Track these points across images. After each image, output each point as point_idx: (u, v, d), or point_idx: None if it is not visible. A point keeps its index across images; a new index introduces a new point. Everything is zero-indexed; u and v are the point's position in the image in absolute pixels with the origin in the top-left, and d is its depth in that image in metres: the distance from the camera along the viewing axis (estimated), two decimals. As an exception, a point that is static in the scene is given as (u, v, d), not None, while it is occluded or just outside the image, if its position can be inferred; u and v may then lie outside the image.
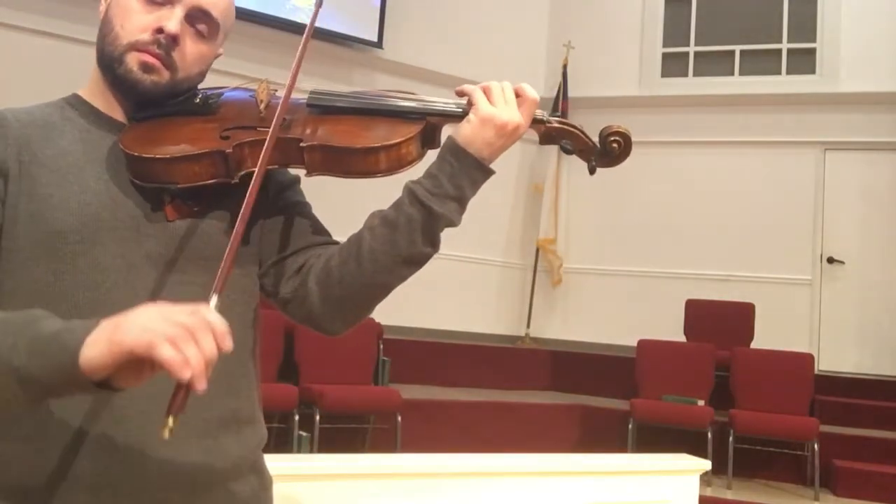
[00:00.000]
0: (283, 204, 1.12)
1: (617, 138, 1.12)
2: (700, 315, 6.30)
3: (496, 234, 7.13)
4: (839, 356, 6.53)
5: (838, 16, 6.80)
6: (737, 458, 4.89)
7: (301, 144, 1.02)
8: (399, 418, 4.61)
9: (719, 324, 6.17)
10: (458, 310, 6.78)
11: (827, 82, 6.77)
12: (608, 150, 1.13)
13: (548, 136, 1.13)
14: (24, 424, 0.94)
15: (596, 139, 1.13)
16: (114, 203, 1.00)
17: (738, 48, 7.16)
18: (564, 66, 7.35)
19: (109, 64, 1.04)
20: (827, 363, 6.45)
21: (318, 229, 1.14)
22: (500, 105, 1.05)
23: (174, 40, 1.03)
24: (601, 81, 7.32)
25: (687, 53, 7.36)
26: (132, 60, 1.02)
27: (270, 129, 0.98)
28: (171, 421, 0.73)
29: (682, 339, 6.11)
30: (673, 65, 7.40)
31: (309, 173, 1.05)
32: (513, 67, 7.36)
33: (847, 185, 6.74)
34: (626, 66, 7.38)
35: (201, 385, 0.72)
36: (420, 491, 2.44)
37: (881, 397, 5.88)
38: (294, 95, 1.05)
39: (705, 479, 4.49)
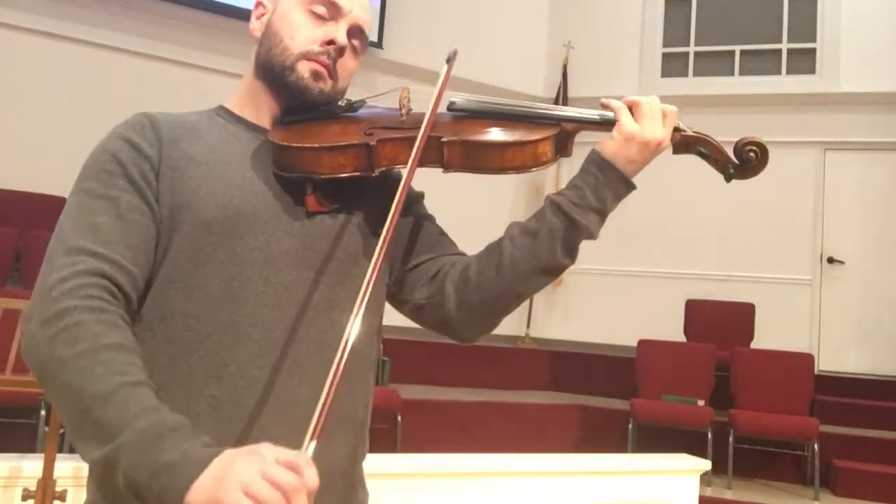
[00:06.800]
0: (412, 215, 1.17)
1: (754, 148, 1.12)
2: (700, 315, 6.31)
3: (496, 234, 7.10)
4: (839, 356, 6.53)
5: (838, 16, 6.80)
6: (737, 458, 4.89)
7: (442, 140, 1.05)
8: (399, 418, 4.61)
9: (719, 324, 6.17)
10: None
11: (827, 82, 6.77)
12: (745, 160, 1.13)
13: (683, 144, 1.14)
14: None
15: (730, 150, 1.14)
16: (256, 197, 1.03)
17: (738, 48, 7.17)
18: (564, 66, 7.35)
19: (279, 73, 1.08)
20: (827, 363, 6.46)
21: (449, 240, 1.19)
22: (644, 122, 1.06)
23: (341, 52, 1.09)
24: (601, 81, 7.31)
25: (687, 53, 7.36)
26: (304, 69, 1.07)
27: (424, 125, 1.02)
28: None
29: (682, 339, 6.12)
30: (673, 65, 7.40)
31: (446, 170, 1.08)
32: (513, 67, 7.36)
33: (847, 184, 6.74)
34: (626, 66, 7.38)
35: None
36: (420, 491, 2.43)
37: (881, 397, 5.88)
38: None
39: (705, 479, 4.48)
